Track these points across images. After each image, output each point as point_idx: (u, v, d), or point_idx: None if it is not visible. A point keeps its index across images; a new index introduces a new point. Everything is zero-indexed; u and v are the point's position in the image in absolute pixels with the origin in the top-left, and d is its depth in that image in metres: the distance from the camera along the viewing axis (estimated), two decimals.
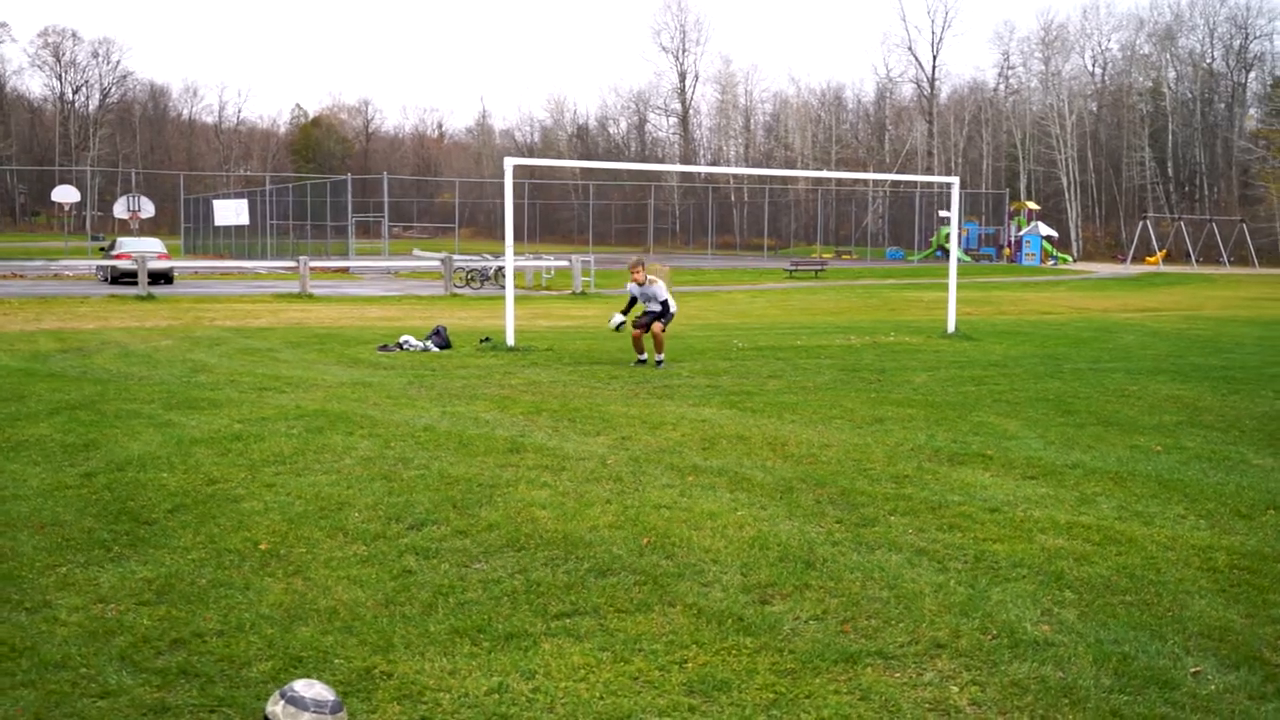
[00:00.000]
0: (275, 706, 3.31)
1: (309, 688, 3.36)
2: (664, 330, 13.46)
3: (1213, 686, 3.98)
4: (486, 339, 15.72)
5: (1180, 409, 10.37)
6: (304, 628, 4.41)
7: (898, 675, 4.06)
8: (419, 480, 6.94)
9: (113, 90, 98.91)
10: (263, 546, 5.48)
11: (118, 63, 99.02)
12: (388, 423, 8.97)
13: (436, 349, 14.65)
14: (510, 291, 15.46)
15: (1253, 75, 76.54)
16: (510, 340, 15.06)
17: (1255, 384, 12.20)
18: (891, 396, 10.92)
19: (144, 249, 31.87)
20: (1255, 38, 75.65)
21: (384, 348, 14.73)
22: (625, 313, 13.79)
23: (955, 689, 3.94)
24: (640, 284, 13.62)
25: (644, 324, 13.48)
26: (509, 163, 15.21)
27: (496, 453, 7.86)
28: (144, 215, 46.70)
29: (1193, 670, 4.12)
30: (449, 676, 3.95)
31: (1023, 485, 7.09)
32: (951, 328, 18.17)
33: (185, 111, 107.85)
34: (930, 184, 69.36)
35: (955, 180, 19.11)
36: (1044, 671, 4.09)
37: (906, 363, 13.98)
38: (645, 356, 13.55)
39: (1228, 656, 4.25)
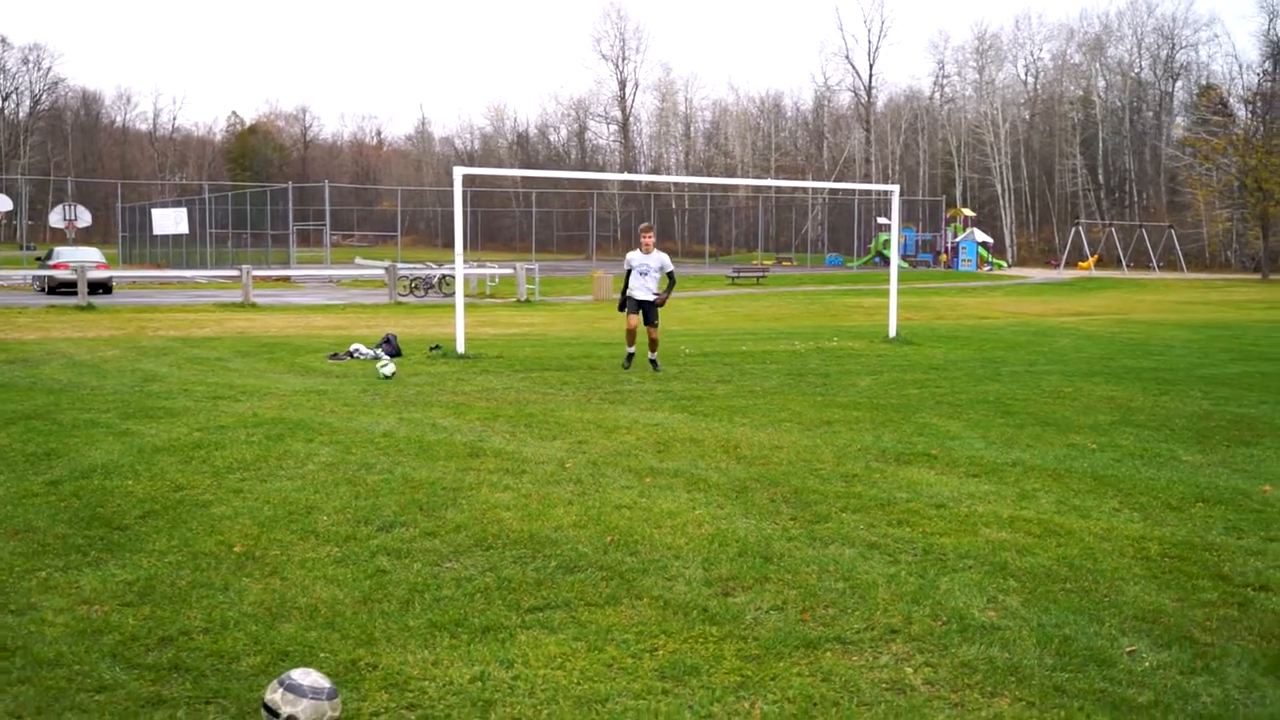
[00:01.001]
0: (274, 694, 3.48)
1: (306, 675, 3.53)
2: (663, 303, 13.58)
3: (1147, 664, 4.27)
4: (436, 346, 15.85)
5: (1114, 409, 10.78)
6: (287, 624, 4.57)
7: (856, 659, 4.31)
8: (383, 484, 7.10)
9: (44, 97, 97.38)
10: (237, 549, 5.62)
11: (49, 69, 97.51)
12: (346, 429, 9.10)
13: (387, 357, 14.74)
14: (460, 299, 15.60)
15: (1179, 84, 78.56)
16: (460, 348, 15.20)
17: (1184, 385, 12.68)
18: (837, 400, 11.23)
19: (82, 259, 31.52)
20: (1181, 48, 77.69)
21: (335, 356, 14.80)
22: (625, 293, 13.71)
23: (910, 670, 4.20)
24: (646, 252, 13.59)
25: (645, 315, 13.52)
26: (458, 172, 15.36)
27: (457, 457, 8.03)
28: (80, 225, 46.08)
29: (1128, 650, 4.41)
30: (432, 667, 4.14)
31: (966, 482, 7.40)
32: (893, 332, 18.57)
33: (119, 119, 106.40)
34: (869, 191, 70.28)
35: (895, 189, 19.56)
36: (991, 653, 4.36)
37: (850, 367, 14.32)
38: (634, 350, 13.74)
39: (1160, 637, 4.56)
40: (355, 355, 14.75)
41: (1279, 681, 4.12)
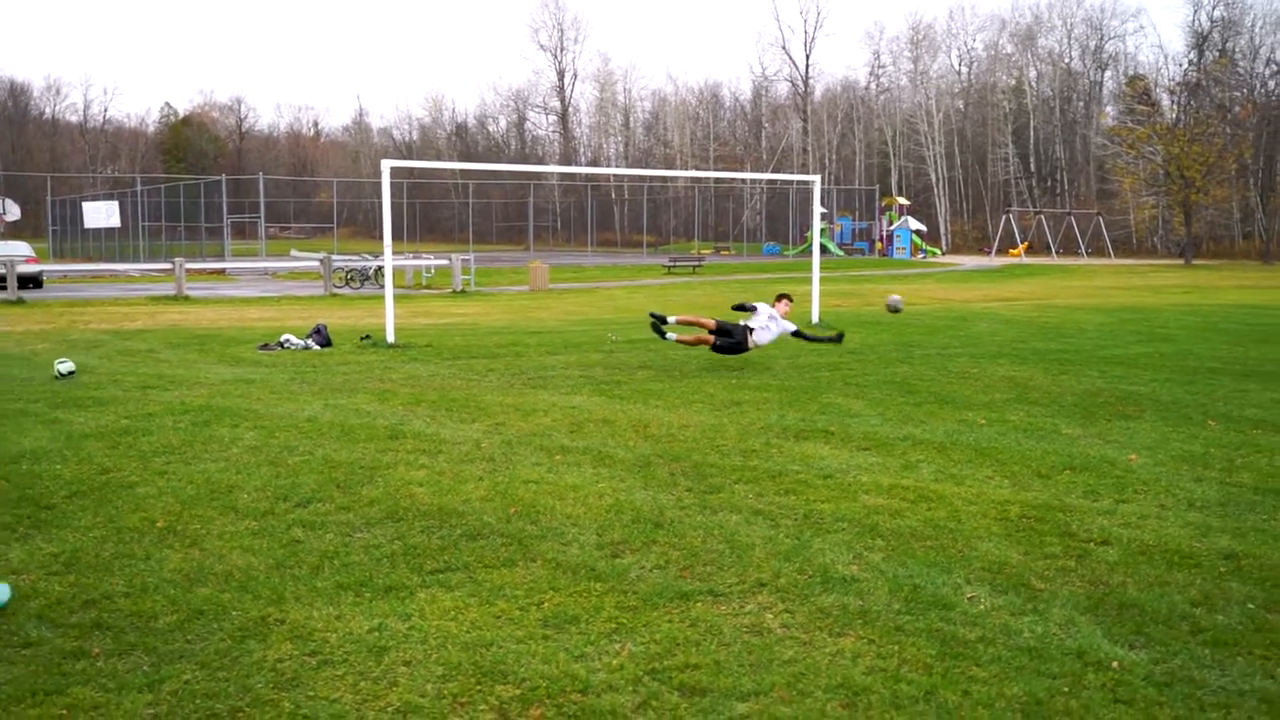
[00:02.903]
0: None
1: None
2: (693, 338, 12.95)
3: (983, 607, 4.77)
4: (367, 336, 16.14)
5: (1012, 388, 11.37)
6: (203, 588, 4.94)
7: (723, 608, 4.76)
8: (304, 465, 7.46)
9: None
10: (159, 524, 5.96)
11: None
12: (272, 415, 9.43)
13: (318, 347, 15.03)
14: (390, 289, 15.90)
15: (1108, 74, 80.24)
16: (390, 337, 15.51)
17: (1084, 365, 13.32)
18: (750, 382, 11.71)
19: (11, 253, 31.22)
20: (1110, 38, 79.31)
21: (265, 346, 15.05)
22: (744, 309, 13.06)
23: (770, 616, 4.66)
24: (778, 314, 12.93)
25: (728, 346, 12.78)
26: (386, 165, 15.65)
27: (377, 439, 8.40)
28: (10, 218, 45.47)
29: (969, 596, 4.91)
30: (335, 620, 4.54)
31: (856, 455, 7.91)
32: (815, 318, 19.11)
33: (48, 110, 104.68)
34: (791, 181, 71.01)
35: (816, 178, 20.09)
36: (846, 600, 4.84)
37: (769, 351, 14.80)
38: (671, 324, 13.07)
39: (1000, 584, 5.06)
40: (286, 345, 15.01)
41: (1095, 618, 4.63)
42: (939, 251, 66.60)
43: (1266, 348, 15.61)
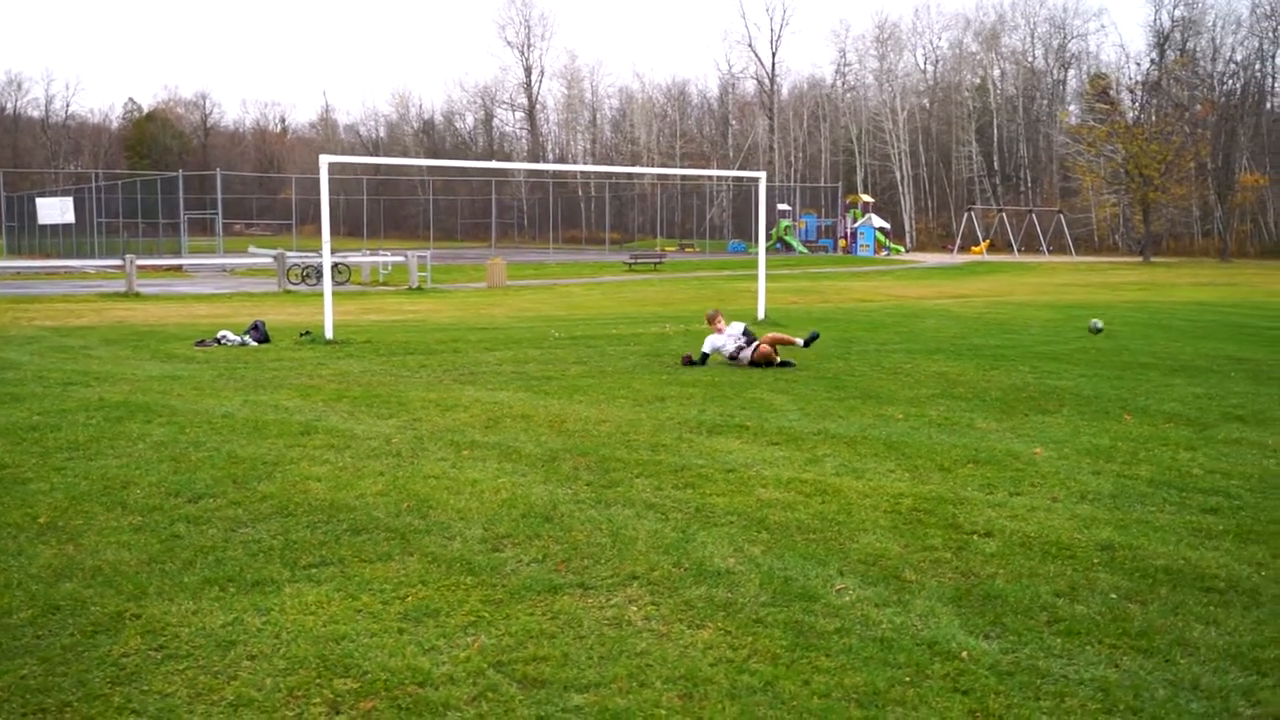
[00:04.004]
0: None
1: None
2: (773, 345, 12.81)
3: (849, 598, 4.79)
4: (306, 333, 16.05)
5: (940, 383, 11.41)
6: (68, 583, 4.89)
7: (590, 601, 4.76)
8: (206, 461, 7.40)
9: None
10: (41, 520, 5.90)
11: None
12: (188, 411, 9.36)
13: (255, 343, 14.93)
14: (328, 285, 15.82)
15: (1071, 73, 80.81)
16: (329, 333, 15.43)
17: (1019, 360, 13.40)
18: (681, 378, 11.71)
19: None
20: (1073, 37, 79.86)
21: (201, 343, 14.94)
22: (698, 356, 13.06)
23: (635, 609, 4.66)
24: (719, 332, 13.15)
25: (762, 356, 12.70)
26: (324, 160, 15.57)
27: (288, 435, 8.35)
28: None
29: (838, 588, 4.92)
30: (192, 615, 4.51)
31: (765, 450, 7.92)
32: (761, 315, 19.15)
33: (9, 105, 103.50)
34: (766, 179, 71.09)
35: (761, 175, 20.13)
36: (715, 593, 4.84)
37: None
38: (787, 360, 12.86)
39: (872, 576, 5.08)
40: (222, 341, 14.90)
41: (957, 609, 4.66)
42: (902, 249, 66.88)
43: (1203, 343, 15.76)
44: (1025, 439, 8.38)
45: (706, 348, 13.17)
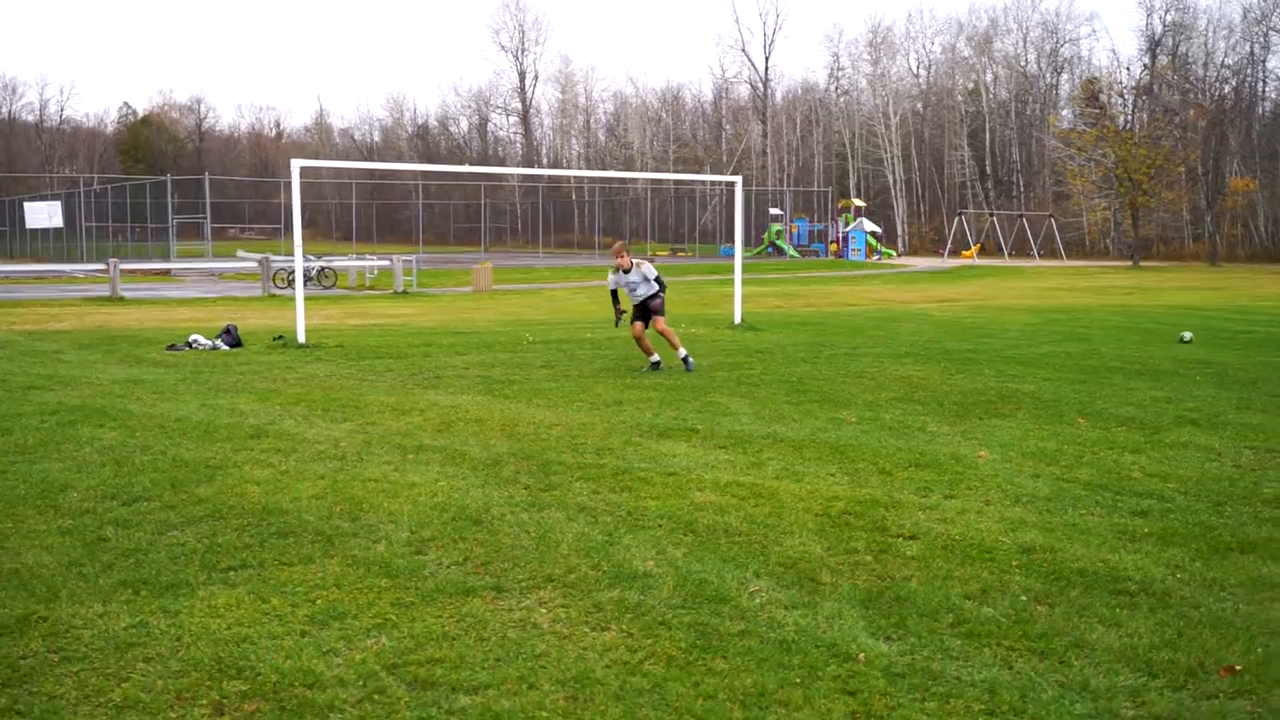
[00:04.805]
0: None
1: None
2: (664, 316, 12.60)
3: (760, 600, 4.81)
4: (280, 337, 16.06)
5: (902, 387, 11.43)
6: None
7: (501, 603, 4.78)
8: (150, 464, 7.41)
9: None
10: None
11: None
12: (143, 415, 9.37)
13: (227, 347, 14.95)
14: (300, 289, 15.84)
15: (1064, 78, 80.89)
16: (301, 337, 15.44)
17: (986, 364, 13.42)
18: (644, 382, 11.73)
19: None
20: (1065, 42, 79.94)
21: (173, 347, 14.95)
22: (616, 307, 13.03)
23: (544, 611, 4.68)
24: (626, 270, 12.83)
25: (643, 317, 12.67)
26: (296, 164, 15.60)
27: (237, 439, 8.37)
28: None
29: (751, 590, 4.94)
30: (98, 619, 4.52)
31: (711, 453, 7.94)
32: (738, 319, 19.18)
33: (3, 109, 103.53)
34: (759, 183, 71.21)
35: (738, 179, 20.17)
36: (627, 596, 4.86)
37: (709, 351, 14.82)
38: (657, 357, 12.74)
39: (788, 579, 5.10)
40: (193, 346, 14.92)
41: (864, 612, 4.68)
42: (894, 253, 66.94)
43: (1175, 347, 15.79)
44: (973, 442, 8.40)
45: (611, 286, 12.99)
